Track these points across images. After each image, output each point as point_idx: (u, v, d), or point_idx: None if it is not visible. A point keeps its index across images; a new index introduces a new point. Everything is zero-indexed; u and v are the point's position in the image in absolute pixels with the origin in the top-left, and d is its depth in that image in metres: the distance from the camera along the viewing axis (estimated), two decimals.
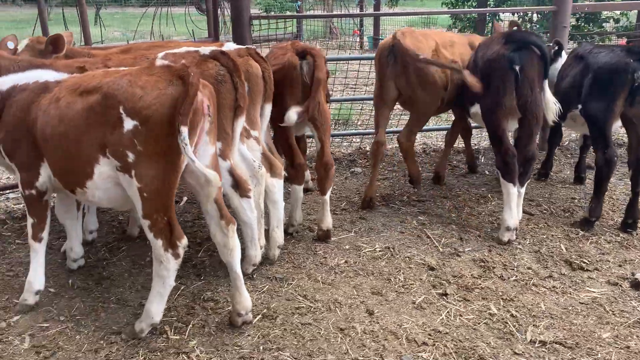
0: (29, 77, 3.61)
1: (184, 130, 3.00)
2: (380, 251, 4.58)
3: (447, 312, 3.79)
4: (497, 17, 14.40)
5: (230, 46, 4.11)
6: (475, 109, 4.96)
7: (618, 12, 11.61)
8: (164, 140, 3.08)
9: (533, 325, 3.64)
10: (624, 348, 3.44)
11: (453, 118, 6.14)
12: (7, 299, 3.96)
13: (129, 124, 3.08)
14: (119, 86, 3.11)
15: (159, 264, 3.34)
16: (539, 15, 11.79)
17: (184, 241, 3.36)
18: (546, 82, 4.71)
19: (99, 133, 3.18)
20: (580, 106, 4.98)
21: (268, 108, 4.24)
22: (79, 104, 3.24)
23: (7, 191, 5.58)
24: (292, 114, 4.22)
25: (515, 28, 5.70)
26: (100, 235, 4.89)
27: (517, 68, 4.54)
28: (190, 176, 3.36)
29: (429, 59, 4.86)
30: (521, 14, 12.03)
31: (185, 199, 5.65)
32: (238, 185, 3.79)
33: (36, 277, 3.80)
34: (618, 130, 5.63)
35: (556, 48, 5.76)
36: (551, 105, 4.71)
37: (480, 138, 7.80)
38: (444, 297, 3.96)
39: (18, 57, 3.99)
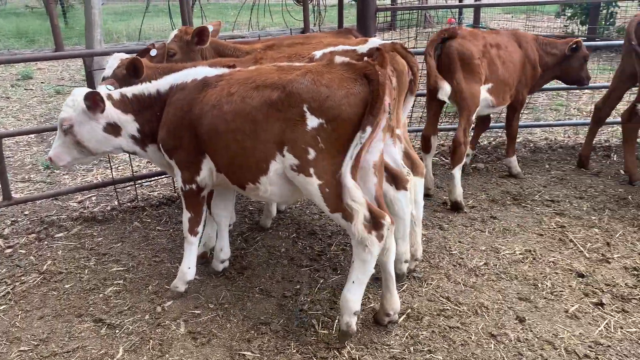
0: (185, 75, 3.65)
1: (369, 130, 2.98)
2: (520, 254, 4.38)
3: (606, 323, 3.55)
4: (613, 3, 13.36)
5: (375, 42, 4.03)
6: None
7: None
8: (346, 137, 3.05)
9: None
10: None
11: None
12: (157, 284, 4.17)
13: (313, 122, 3.07)
14: (301, 84, 3.08)
15: (363, 248, 3.18)
16: None
17: (388, 218, 3.20)
18: None
19: (278, 130, 3.18)
20: None
21: (411, 101, 4.13)
22: (256, 100, 3.22)
23: (143, 180, 5.86)
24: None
25: None
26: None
27: None
28: None
29: None
30: None
31: None
32: (394, 179, 3.72)
33: (189, 268, 3.94)
34: None
35: None
36: None
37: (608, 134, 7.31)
38: (600, 307, 3.72)
39: (158, 65, 4.12)
